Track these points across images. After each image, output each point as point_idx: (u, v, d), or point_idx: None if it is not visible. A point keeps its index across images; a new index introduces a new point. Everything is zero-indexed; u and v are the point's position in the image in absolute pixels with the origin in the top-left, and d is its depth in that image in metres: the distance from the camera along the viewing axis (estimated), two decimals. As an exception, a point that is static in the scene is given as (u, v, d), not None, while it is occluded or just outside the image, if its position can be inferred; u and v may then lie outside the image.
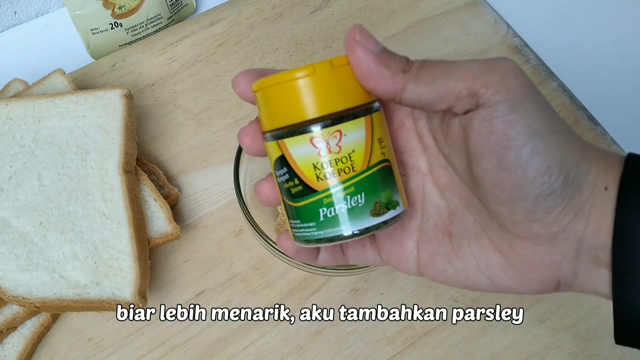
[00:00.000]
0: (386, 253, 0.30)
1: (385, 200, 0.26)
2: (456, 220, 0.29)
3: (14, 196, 0.42)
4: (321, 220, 0.26)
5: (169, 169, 0.49)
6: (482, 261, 0.27)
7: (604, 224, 0.24)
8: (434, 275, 0.29)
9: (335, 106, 0.25)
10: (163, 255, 0.45)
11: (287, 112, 0.26)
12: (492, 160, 0.24)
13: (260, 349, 0.43)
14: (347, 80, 0.26)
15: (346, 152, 0.25)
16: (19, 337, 0.41)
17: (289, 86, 0.26)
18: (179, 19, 0.59)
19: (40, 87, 0.48)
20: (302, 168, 0.26)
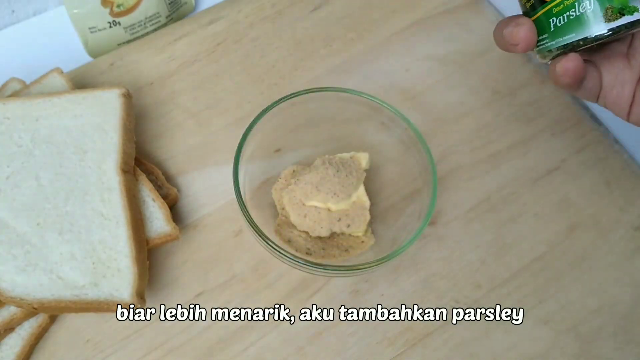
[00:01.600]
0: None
1: (618, 5, 0.29)
2: None
3: (12, 196, 0.41)
4: (552, 29, 0.31)
5: (168, 168, 0.49)
6: None
7: None
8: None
9: None
10: (162, 256, 0.45)
11: None
12: None
13: (260, 350, 0.42)
14: None
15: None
16: (16, 339, 0.40)
17: None
18: (178, 17, 0.59)
19: (38, 86, 0.48)
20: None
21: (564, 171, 0.50)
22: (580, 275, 0.46)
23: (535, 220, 0.48)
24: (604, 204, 0.49)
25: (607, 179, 0.50)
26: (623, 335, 0.44)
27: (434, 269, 0.46)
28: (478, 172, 0.50)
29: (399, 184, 0.46)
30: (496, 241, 0.47)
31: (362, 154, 0.46)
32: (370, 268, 0.39)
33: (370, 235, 0.45)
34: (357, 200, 0.44)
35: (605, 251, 0.47)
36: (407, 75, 0.54)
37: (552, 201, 0.49)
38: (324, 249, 0.44)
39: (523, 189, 0.49)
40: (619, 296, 0.45)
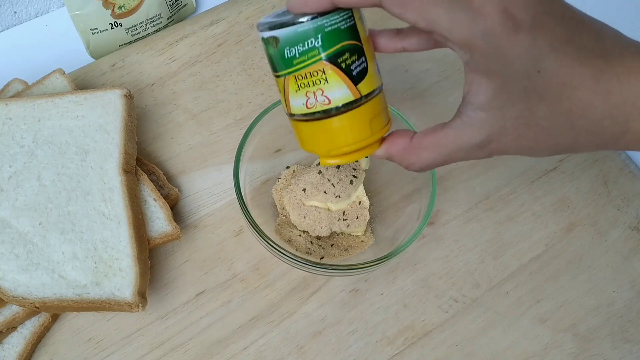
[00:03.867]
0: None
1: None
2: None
3: (14, 196, 0.42)
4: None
5: (169, 169, 0.49)
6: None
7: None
8: None
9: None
10: (163, 256, 0.45)
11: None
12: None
13: (260, 349, 0.43)
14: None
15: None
16: (18, 338, 0.41)
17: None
18: (179, 18, 0.59)
19: (40, 87, 0.48)
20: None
21: (562, 171, 0.50)
22: (578, 275, 0.46)
23: (534, 220, 0.48)
24: (601, 204, 0.49)
25: (605, 179, 0.50)
26: (620, 334, 0.44)
27: (433, 268, 0.46)
28: (477, 172, 0.50)
29: (398, 184, 0.47)
30: (495, 241, 0.47)
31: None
32: (370, 267, 0.39)
33: (369, 235, 0.45)
34: (357, 200, 0.44)
35: (602, 251, 0.47)
36: (407, 75, 0.54)
37: (550, 201, 0.49)
38: (324, 249, 0.44)
39: (521, 189, 0.49)
40: (617, 295, 0.46)
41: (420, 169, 0.32)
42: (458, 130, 0.29)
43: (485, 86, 0.27)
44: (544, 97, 0.27)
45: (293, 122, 0.33)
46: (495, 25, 0.25)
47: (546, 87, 0.26)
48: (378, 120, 0.32)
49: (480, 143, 0.29)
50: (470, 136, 0.29)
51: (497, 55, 0.25)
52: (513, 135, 0.28)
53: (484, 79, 0.27)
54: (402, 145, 0.32)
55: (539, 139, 0.28)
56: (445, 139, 0.30)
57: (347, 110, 0.30)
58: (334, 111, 0.30)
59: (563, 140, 0.28)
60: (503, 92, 0.27)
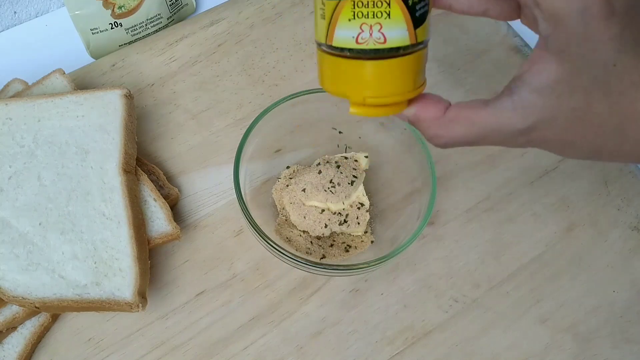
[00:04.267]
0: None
1: None
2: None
3: (14, 196, 0.42)
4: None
5: (169, 169, 0.49)
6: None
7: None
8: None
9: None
10: (163, 256, 0.45)
11: None
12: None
13: (260, 349, 0.43)
14: None
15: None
16: (18, 338, 0.41)
17: None
18: (179, 18, 0.59)
19: (40, 87, 0.48)
20: None
21: (562, 171, 0.50)
22: (578, 275, 0.46)
23: (534, 220, 0.48)
24: (601, 204, 0.49)
25: (605, 179, 0.50)
26: (620, 334, 0.44)
27: (433, 268, 0.46)
28: (477, 172, 0.50)
29: (398, 184, 0.47)
30: (495, 241, 0.47)
31: (362, 154, 0.46)
32: (370, 267, 0.39)
33: (369, 235, 0.45)
34: (357, 200, 0.44)
35: (603, 251, 0.47)
36: (406, 76, 0.54)
37: (550, 201, 0.49)
38: (324, 249, 0.44)
39: (521, 189, 0.49)
40: (617, 295, 0.46)
41: (445, 144, 0.29)
42: (503, 111, 0.27)
43: (553, 68, 0.25)
44: (609, 93, 0.25)
45: (325, 55, 0.29)
46: (594, 5, 0.24)
47: (616, 83, 0.25)
48: (420, 75, 0.29)
49: (525, 129, 0.27)
50: (515, 120, 0.27)
51: (582, 37, 0.24)
52: (561, 127, 0.26)
53: (554, 60, 0.25)
54: (435, 112, 0.29)
55: (585, 136, 0.27)
56: (485, 118, 0.27)
57: (399, 55, 0.27)
58: (387, 52, 0.27)
59: (608, 143, 0.27)
60: (570, 79, 0.25)
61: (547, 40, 0.25)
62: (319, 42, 0.29)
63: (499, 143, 0.28)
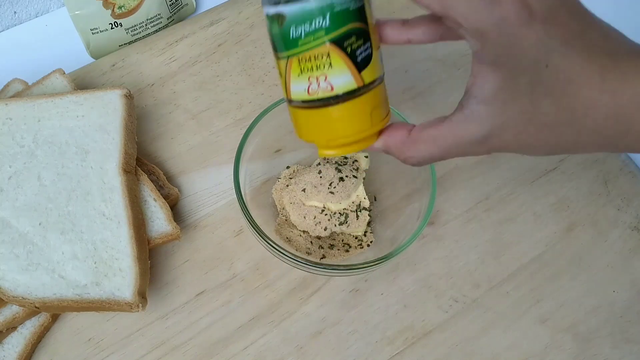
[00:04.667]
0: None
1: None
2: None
3: (14, 196, 0.42)
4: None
5: (169, 169, 0.49)
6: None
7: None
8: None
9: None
10: (163, 256, 0.45)
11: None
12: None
13: (260, 349, 0.43)
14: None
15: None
16: (18, 338, 0.41)
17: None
18: (179, 18, 0.59)
19: (40, 87, 0.48)
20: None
21: (562, 171, 0.50)
22: (578, 275, 0.46)
23: (534, 220, 0.48)
24: (601, 204, 0.49)
25: (605, 179, 0.50)
26: (620, 334, 0.44)
27: (433, 268, 0.46)
28: (477, 172, 0.50)
29: (398, 184, 0.47)
30: (495, 241, 0.47)
31: (362, 154, 0.46)
32: (370, 267, 0.39)
33: (369, 235, 0.45)
34: (357, 200, 0.44)
35: (603, 251, 0.47)
36: (406, 76, 0.54)
37: (550, 201, 0.49)
38: (324, 249, 0.44)
39: (521, 189, 0.49)
40: (617, 295, 0.46)
41: (418, 163, 0.31)
42: (458, 124, 0.29)
43: (492, 78, 0.27)
44: (549, 93, 0.26)
45: (291, 108, 0.32)
46: (511, 14, 0.24)
47: (553, 82, 0.26)
48: (378, 111, 0.31)
49: (481, 138, 0.28)
50: (470, 131, 0.28)
51: (508, 45, 0.25)
52: (514, 131, 0.28)
53: (491, 71, 0.27)
54: (400, 138, 0.31)
55: (540, 136, 0.28)
56: (445, 133, 0.29)
57: (349, 99, 0.29)
58: (336, 99, 0.29)
59: (565, 139, 0.28)
60: (509, 85, 0.27)
61: (478, 55, 0.27)
62: (284, 99, 0.32)
63: (463, 154, 0.30)
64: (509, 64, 0.26)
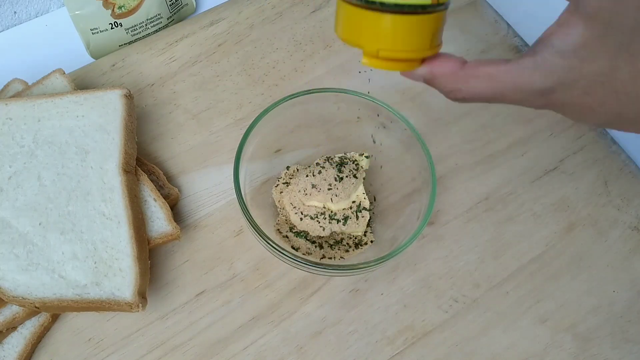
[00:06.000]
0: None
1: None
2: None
3: (14, 196, 0.42)
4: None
5: (169, 169, 0.49)
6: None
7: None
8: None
9: None
10: (163, 256, 0.45)
11: None
12: None
13: (261, 349, 0.43)
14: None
15: None
16: (18, 338, 0.41)
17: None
18: (179, 18, 0.59)
19: (40, 87, 0.48)
20: None
21: (562, 171, 0.50)
22: (578, 275, 0.46)
23: (534, 220, 0.48)
24: (601, 204, 0.49)
25: (605, 179, 0.50)
26: (620, 334, 0.44)
27: (433, 268, 0.46)
28: (477, 172, 0.50)
29: (398, 184, 0.47)
30: (495, 241, 0.47)
31: (362, 154, 0.46)
32: (370, 267, 0.39)
33: (369, 235, 0.45)
34: (357, 200, 0.44)
35: (603, 251, 0.47)
36: (406, 76, 0.54)
37: (550, 201, 0.49)
38: (324, 249, 0.44)
39: (521, 189, 0.49)
40: (617, 295, 0.46)
41: (464, 98, 0.29)
42: (524, 70, 0.27)
43: (580, 31, 0.25)
44: (633, 60, 0.25)
45: (344, 3, 0.29)
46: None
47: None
48: (438, 36, 0.29)
49: (543, 90, 0.27)
50: (535, 79, 0.27)
51: (615, 1, 0.24)
52: (582, 91, 0.26)
53: (582, 23, 0.25)
54: (451, 68, 0.29)
55: (605, 102, 0.26)
56: (505, 74, 0.27)
57: (420, 13, 0.28)
58: (407, 8, 0.27)
59: (628, 110, 0.26)
60: (596, 43, 0.25)
61: (578, 3, 0.25)
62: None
63: (517, 102, 0.28)
64: (606, 21, 0.25)
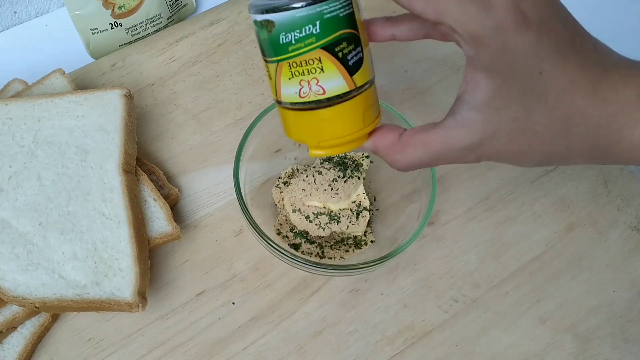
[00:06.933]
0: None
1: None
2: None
3: (14, 196, 0.42)
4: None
5: (169, 169, 0.49)
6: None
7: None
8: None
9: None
10: (163, 256, 0.45)
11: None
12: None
13: (261, 349, 0.43)
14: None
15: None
16: (18, 338, 0.41)
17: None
18: (179, 18, 0.59)
19: (40, 87, 0.48)
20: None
21: (562, 171, 0.50)
22: (578, 275, 0.46)
23: (534, 220, 0.48)
24: (601, 204, 0.49)
25: (605, 179, 0.50)
26: (620, 334, 0.44)
27: (433, 268, 0.46)
28: (477, 172, 0.50)
29: (398, 184, 0.47)
30: (495, 241, 0.47)
31: (362, 154, 0.46)
32: (370, 267, 0.39)
33: (369, 235, 0.45)
34: (357, 200, 0.44)
35: (603, 251, 0.47)
36: (406, 75, 0.54)
37: (550, 201, 0.49)
38: (324, 249, 0.44)
39: (521, 189, 0.49)
40: (617, 295, 0.46)
41: (405, 167, 0.31)
42: (449, 130, 0.28)
43: (485, 85, 0.27)
44: (542, 101, 0.26)
45: (281, 109, 0.32)
46: (506, 20, 0.24)
47: (546, 89, 0.26)
48: (370, 112, 0.31)
49: (471, 145, 0.28)
50: (461, 137, 0.28)
51: (502, 51, 0.25)
52: (506, 139, 0.28)
53: (484, 77, 0.26)
54: (390, 140, 0.31)
55: (532, 145, 0.28)
56: (435, 139, 0.29)
57: (341, 102, 0.30)
58: (327, 102, 0.29)
59: (556, 148, 0.28)
60: (502, 92, 0.26)
61: (472, 60, 0.26)
62: (274, 99, 0.32)
63: (452, 161, 0.29)
64: (502, 71, 0.26)
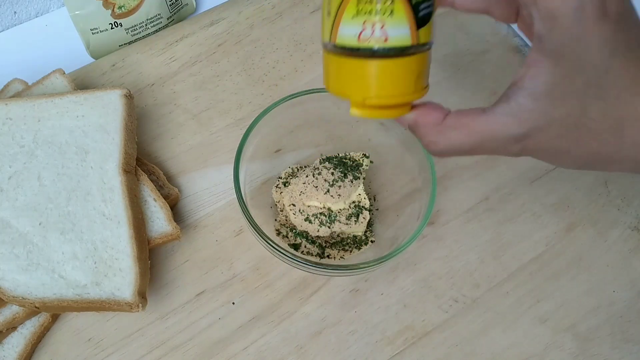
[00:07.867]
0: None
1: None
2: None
3: (14, 196, 0.42)
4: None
5: (169, 169, 0.49)
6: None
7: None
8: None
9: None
10: (163, 256, 0.45)
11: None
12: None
13: (261, 349, 0.43)
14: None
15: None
16: (18, 338, 0.41)
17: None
18: (179, 18, 0.59)
19: (40, 87, 0.48)
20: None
21: (562, 171, 0.50)
22: (578, 275, 0.46)
23: (534, 220, 0.48)
24: (601, 204, 0.49)
25: (605, 179, 0.50)
26: (620, 334, 0.44)
27: (433, 268, 0.46)
28: (477, 172, 0.50)
29: (398, 184, 0.47)
30: (494, 241, 0.47)
31: (362, 154, 0.46)
32: (370, 267, 0.39)
33: (369, 235, 0.45)
34: (357, 200, 0.44)
35: (603, 251, 0.47)
36: (406, 76, 0.54)
37: (550, 201, 0.49)
38: (324, 249, 0.44)
39: (521, 189, 0.49)
40: (617, 295, 0.46)
41: (441, 151, 0.29)
42: (499, 117, 0.27)
43: (549, 71, 0.25)
44: (602, 97, 0.25)
45: (328, 55, 0.29)
46: (588, 5, 0.24)
47: (609, 86, 0.25)
48: (422, 78, 0.29)
49: (519, 136, 0.27)
50: (510, 126, 0.27)
51: (577, 37, 0.24)
52: (555, 133, 0.26)
53: (550, 64, 0.25)
54: (434, 119, 0.29)
55: (580, 143, 0.26)
56: (482, 125, 0.27)
57: (400, 56, 0.27)
58: (385, 52, 0.27)
59: (605, 149, 0.26)
60: (564, 83, 0.25)
61: (542, 41, 0.25)
62: (324, 42, 0.29)
63: (494, 151, 0.28)
64: (570, 59, 0.25)
